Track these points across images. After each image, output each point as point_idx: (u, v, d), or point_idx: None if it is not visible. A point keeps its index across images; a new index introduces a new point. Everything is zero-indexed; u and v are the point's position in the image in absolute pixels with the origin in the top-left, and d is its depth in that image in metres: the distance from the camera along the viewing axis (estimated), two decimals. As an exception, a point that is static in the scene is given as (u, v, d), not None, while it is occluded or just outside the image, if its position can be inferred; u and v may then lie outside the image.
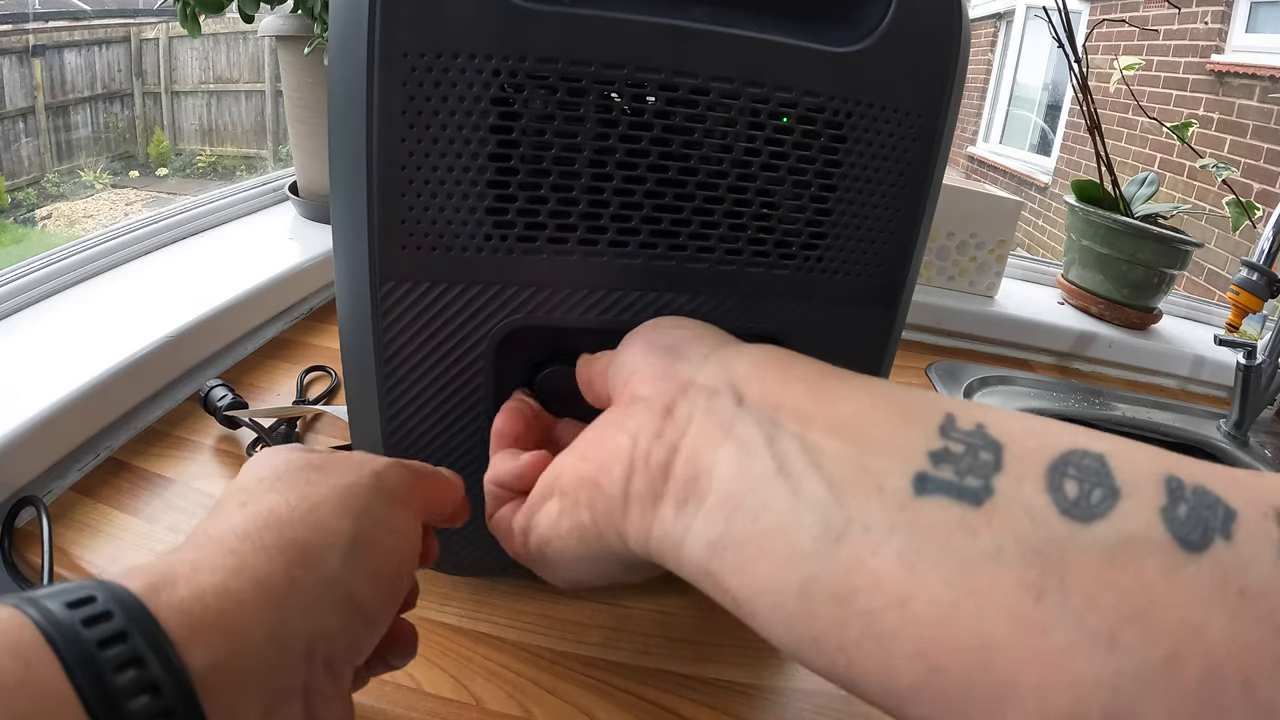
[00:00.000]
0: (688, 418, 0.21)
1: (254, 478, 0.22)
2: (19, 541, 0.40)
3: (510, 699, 0.34)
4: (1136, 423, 0.76)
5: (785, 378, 0.21)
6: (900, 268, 0.32)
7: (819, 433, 0.19)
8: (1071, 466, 0.16)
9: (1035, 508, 0.16)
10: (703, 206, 0.29)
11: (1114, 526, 0.15)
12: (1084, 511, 0.15)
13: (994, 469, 0.16)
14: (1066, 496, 0.16)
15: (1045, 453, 0.16)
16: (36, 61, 3.07)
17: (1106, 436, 0.17)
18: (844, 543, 0.17)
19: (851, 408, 0.19)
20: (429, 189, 0.27)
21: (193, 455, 0.48)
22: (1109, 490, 0.15)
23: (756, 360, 0.22)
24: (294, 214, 0.80)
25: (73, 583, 0.16)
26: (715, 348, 0.23)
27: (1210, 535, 0.14)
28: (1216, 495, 0.15)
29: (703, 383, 0.22)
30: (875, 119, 0.29)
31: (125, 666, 0.15)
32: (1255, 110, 2.54)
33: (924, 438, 0.18)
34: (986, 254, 0.86)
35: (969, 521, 0.16)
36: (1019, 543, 0.15)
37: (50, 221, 3.11)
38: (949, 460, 0.17)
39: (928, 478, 0.17)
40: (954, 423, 0.18)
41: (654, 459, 0.20)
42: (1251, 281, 0.69)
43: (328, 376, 0.60)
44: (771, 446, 0.19)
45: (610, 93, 0.27)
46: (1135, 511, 0.15)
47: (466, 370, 0.30)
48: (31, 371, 0.46)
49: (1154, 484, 0.15)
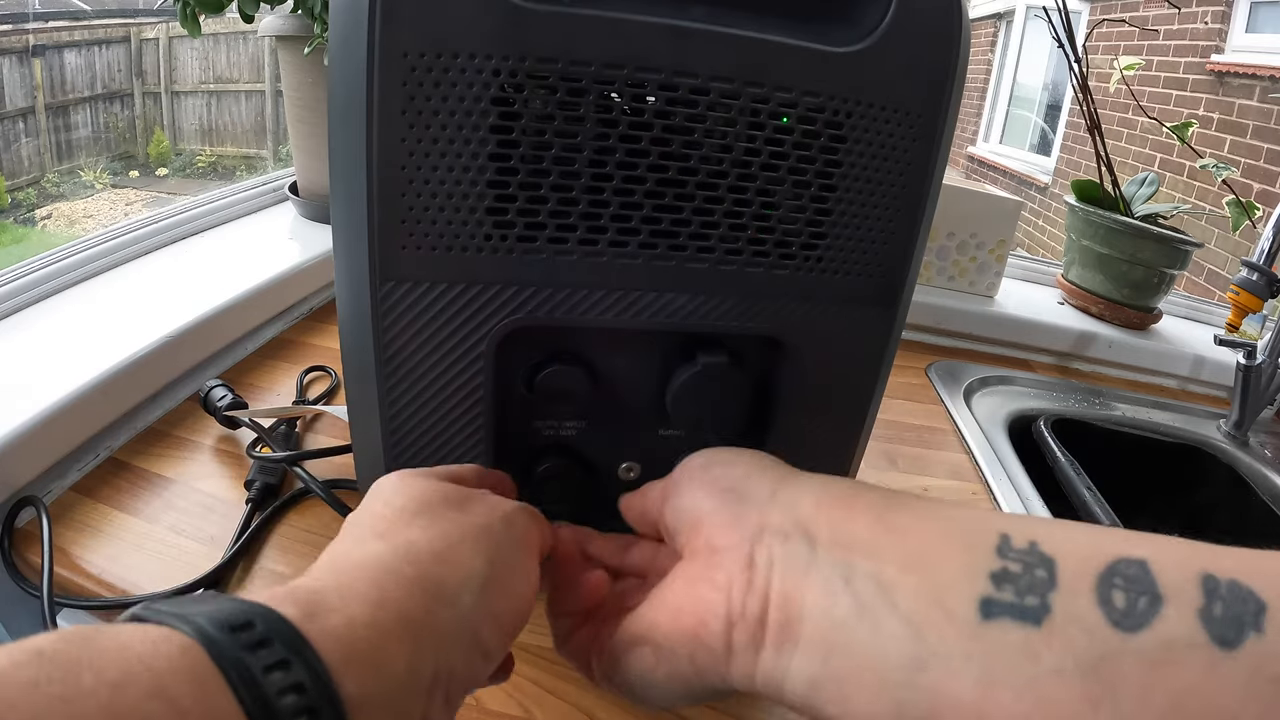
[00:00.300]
0: (769, 564, 0.22)
1: (390, 506, 0.24)
2: (19, 541, 0.40)
3: (510, 699, 0.34)
4: (1136, 423, 0.76)
5: (850, 514, 0.23)
6: (900, 268, 0.32)
7: (892, 569, 0.21)
8: (1118, 576, 0.18)
9: (1089, 622, 0.18)
10: (703, 206, 0.29)
11: (1158, 633, 0.17)
12: (1132, 621, 0.17)
13: (1049, 586, 0.19)
14: (1116, 608, 0.18)
15: (1094, 564, 0.19)
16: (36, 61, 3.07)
17: (1148, 538, 0.19)
18: (925, 672, 0.19)
19: (916, 540, 0.21)
20: (429, 189, 0.27)
21: (193, 455, 0.48)
22: (1153, 597, 0.17)
23: (819, 496, 0.24)
24: (294, 214, 0.80)
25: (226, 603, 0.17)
26: (777, 485, 0.25)
27: (1244, 631, 0.16)
28: (1249, 589, 0.17)
29: (775, 526, 0.23)
30: (875, 119, 0.29)
31: (287, 692, 0.16)
32: (1255, 110, 2.54)
33: (984, 560, 0.20)
34: (986, 254, 0.86)
35: (1032, 643, 0.18)
36: (1077, 659, 0.17)
37: (50, 221, 3.11)
38: (1009, 580, 0.19)
39: (992, 602, 0.19)
40: (1009, 542, 0.20)
41: (750, 611, 0.22)
42: (1251, 281, 0.69)
43: (328, 376, 0.60)
44: (850, 587, 0.21)
45: (610, 93, 0.27)
46: (1176, 617, 0.17)
47: (466, 370, 0.30)
48: (31, 371, 0.46)
49: (1193, 585, 0.17)
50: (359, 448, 0.33)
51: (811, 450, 0.36)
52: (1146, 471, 0.75)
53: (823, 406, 0.35)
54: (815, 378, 0.34)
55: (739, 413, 0.34)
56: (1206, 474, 0.75)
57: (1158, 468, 0.75)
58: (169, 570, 0.39)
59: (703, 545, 0.25)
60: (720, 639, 0.22)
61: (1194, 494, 0.76)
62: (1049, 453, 0.66)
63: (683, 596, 0.24)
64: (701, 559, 0.24)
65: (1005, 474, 0.60)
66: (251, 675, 0.15)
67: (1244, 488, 0.72)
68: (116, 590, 0.38)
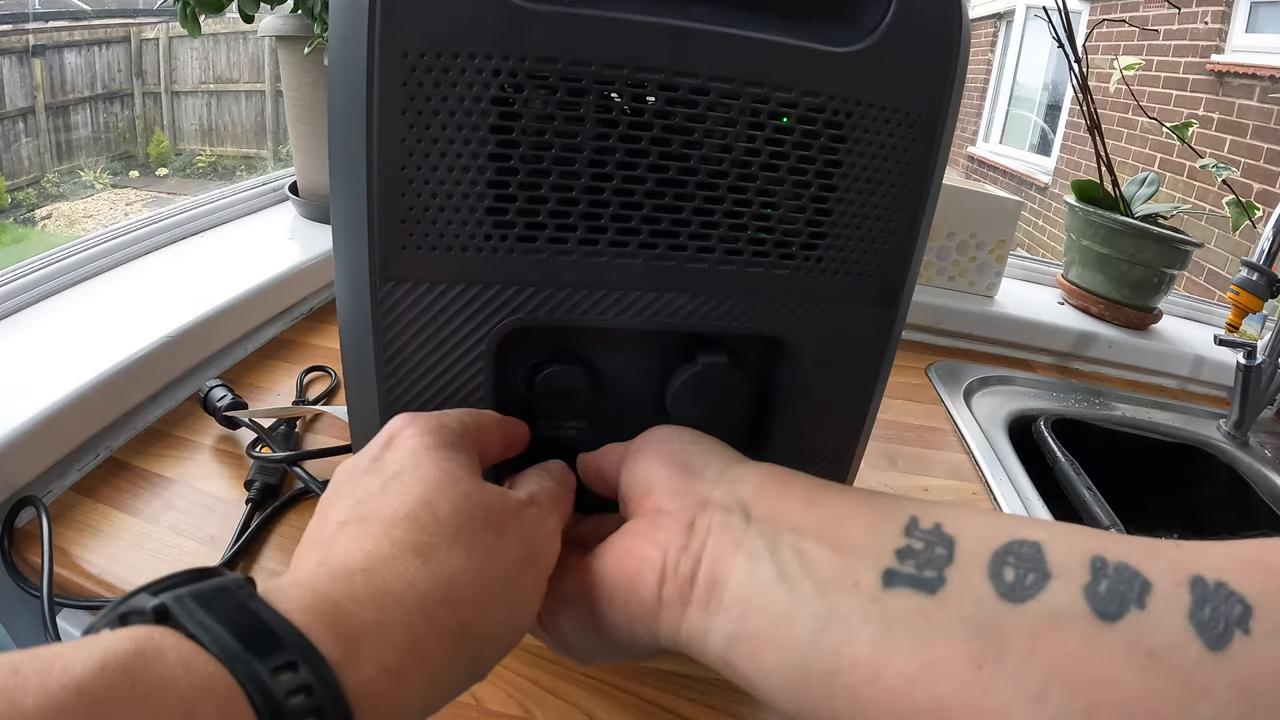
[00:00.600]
0: (706, 531, 0.24)
1: (435, 515, 0.23)
2: (19, 541, 0.40)
3: (510, 699, 0.34)
4: (1136, 423, 0.76)
5: (784, 493, 0.25)
6: (900, 268, 0.32)
7: (809, 542, 0.23)
8: (1011, 555, 0.20)
9: (978, 592, 0.20)
10: (703, 206, 0.29)
11: (1042, 604, 0.19)
12: (1019, 594, 0.19)
13: (947, 561, 0.21)
14: (1005, 581, 0.19)
15: (990, 544, 0.21)
16: (36, 61, 3.07)
17: (1049, 526, 0.21)
18: (829, 632, 0.21)
19: (836, 517, 0.24)
20: (429, 189, 0.27)
21: (193, 455, 0.48)
22: (1041, 574, 0.19)
23: (762, 479, 0.26)
24: (294, 214, 0.80)
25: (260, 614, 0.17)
26: (727, 465, 0.27)
27: (1125, 606, 0.18)
28: (1136, 570, 0.19)
29: (718, 500, 0.25)
30: (875, 119, 0.29)
31: None
32: (1255, 110, 2.54)
33: (892, 537, 0.22)
34: (986, 254, 0.86)
35: (926, 608, 0.20)
36: (964, 622, 0.19)
37: (50, 221, 3.11)
38: (911, 556, 0.21)
39: (894, 573, 0.21)
40: (917, 523, 0.22)
41: (682, 570, 0.24)
42: (1251, 281, 0.69)
43: (327, 376, 0.60)
44: (774, 555, 0.23)
45: (610, 93, 0.27)
46: (1061, 590, 0.19)
47: (466, 370, 0.30)
48: (31, 371, 0.46)
49: (1080, 565, 0.19)
50: (359, 448, 0.33)
51: (811, 450, 0.36)
52: (1146, 471, 0.75)
53: (823, 406, 0.35)
54: (815, 378, 0.34)
55: (739, 412, 0.34)
56: (1206, 474, 0.75)
57: (1158, 468, 0.75)
58: (169, 570, 0.39)
59: (651, 507, 0.26)
60: (653, 590, 0.24)
61: (1194, 494, 0.76)
62: (1049, 453, 0.66)
63: (625, 548, 0.26)
64: (647, 519, 0.26)
65: (1005, 474, 0.60)
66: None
67: (1244, 488, 0.72)
68: (116, 590, 0.38)
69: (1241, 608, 0.17)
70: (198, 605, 0.17)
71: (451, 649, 0.20)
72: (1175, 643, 0.17)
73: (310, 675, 0.16)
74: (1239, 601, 0.17)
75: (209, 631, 0.16)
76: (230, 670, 0.15)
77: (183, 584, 0.18)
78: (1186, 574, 0.18)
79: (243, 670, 0.16)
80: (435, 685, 0.20)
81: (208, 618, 0.16)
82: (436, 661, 0.20)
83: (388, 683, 0.18)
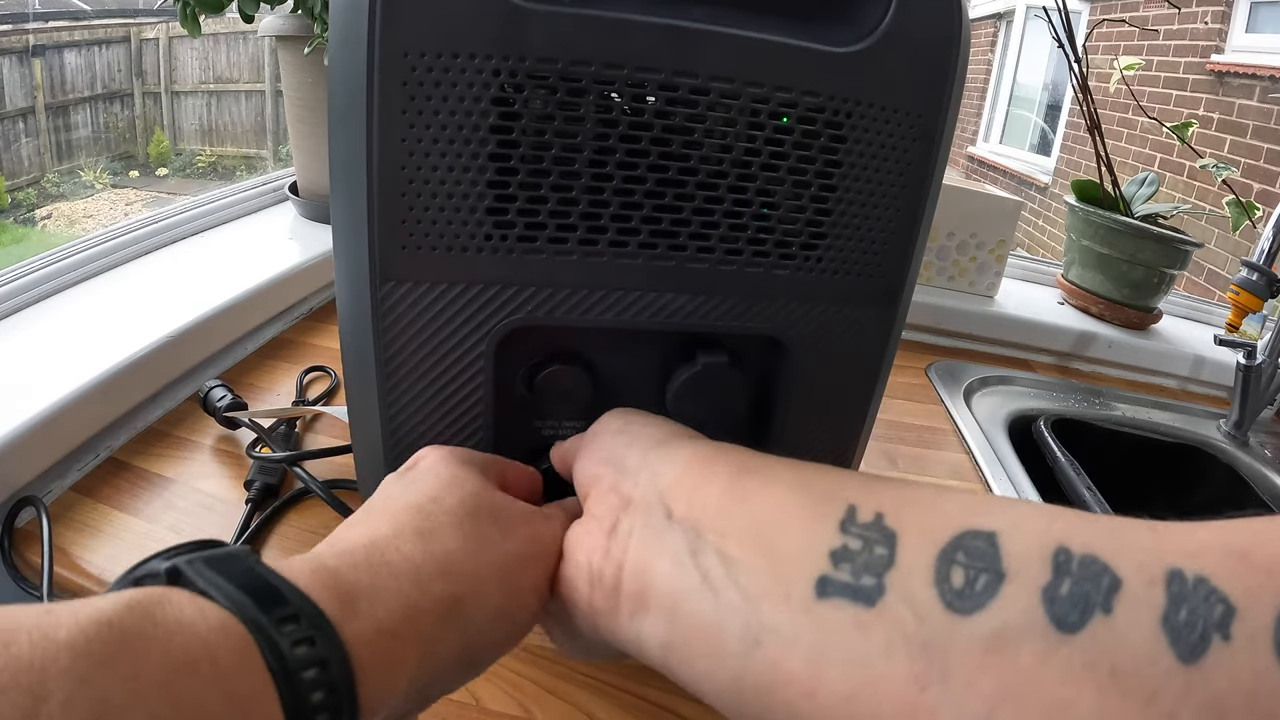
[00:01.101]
0: (628, 534, 0.23)
1: (438, 504, 0.24)
2: (19, 541, 0.40)
3: (510, 699, 0.34)
4: (1136, 422, 0.76)
5: (705, 484, 0.23)
6: (900, 268, 0.32)
7: (734, 543, 0.21)
8: (961, 551, 0.18)
9: (922, 603, 0.17)
10: (703, 206, 0.29)
11: (994, 616, 0.16)
12: (967, 603, 0.17)
13: (887, 564, 0.18)
14: (952, 587, 0.17)
15: (937, 539, 0.18)
16: (36, 61, 3.07)
17: (1008, 507, 0.19)
18: (761, 646, 0.19)
19: (762, 508, 0.22)
20: (429, 189, 0.27)
21: (193, 455, 0.48)
22: (994, 575, 0.17)
23: (683, 468, 0.24)
24: (294, 214, 0.80)
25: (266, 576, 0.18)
26: (648, 451, 0.26)
27: (1089, 612, 0.16)
28: (1105, 564, 0.16)
29: (639, 497, 0.24)
30: (875, 119, 0.29)
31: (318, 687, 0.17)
32: (1255, 110, 2.54)
33: (826, 536, 0.20)
34: (986, 254, 0.86)
35: (863, 621, 0.18)
36: (907, 640, 0.17)
37: (50, 221, 3.11)
38: (847, 558, 0.19)
39: (828, 581, 0.19)
40: (854, 515, 0.20)
41: (606, 577, 0.23)
42: (1251, 281, 0.69)
43: (327, 377, 0.60)
44: (695, 560, 0.21)
45: (610, 93, 0.27)
46: (1015, 596, 0.16)
47: (466, 370, 0.30)
48: (31, 371, 0.46)
49: (1040, 561, 0.17)
50: (359, 448, 0.33)
51: (811, 450, 0.36)
52: (1146, 471, 0.75)
53: (823, 406, 0.35)
54: (815, 378, 0.34)
55: (739, 413, 0.34)
56: (1206, 474, 0.75)
57: (1158, 468, 0.75)
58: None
59: (587, 511, 0.26)
60: (585, 598, 0.24)
61: (1194, 494, 0.76)
62: (1049, 453, 0.66)
63: (564, 556, 0.25)
64: (580, 524, 0.26)
65: (1005, 474, 0.60)
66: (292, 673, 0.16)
67: (1244, 488, 0.72)
68: (116, 590, 0.38)
69: (1223, 609, 0.15)
70: (207, 567, 0.18)
71: (444, 620, 0.21)
72: (1142, 656, 0.15)
73: (312, 629, 0.17)
74: (1220, 601, 0.15)
75: (220, 589, 0.17)
76: (241, 619, 0.17)
77: (192, 551, 0.19)
78: (1163, 567, 0.16)
79: (251, 622, 0.17)
80: (426, 653, 0.20)
81: (217, 577, 0.17)
82: (428, 628, 0.20)
83: (382, 642, 0.19)
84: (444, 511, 0.24)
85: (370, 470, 0.33)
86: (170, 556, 0.18)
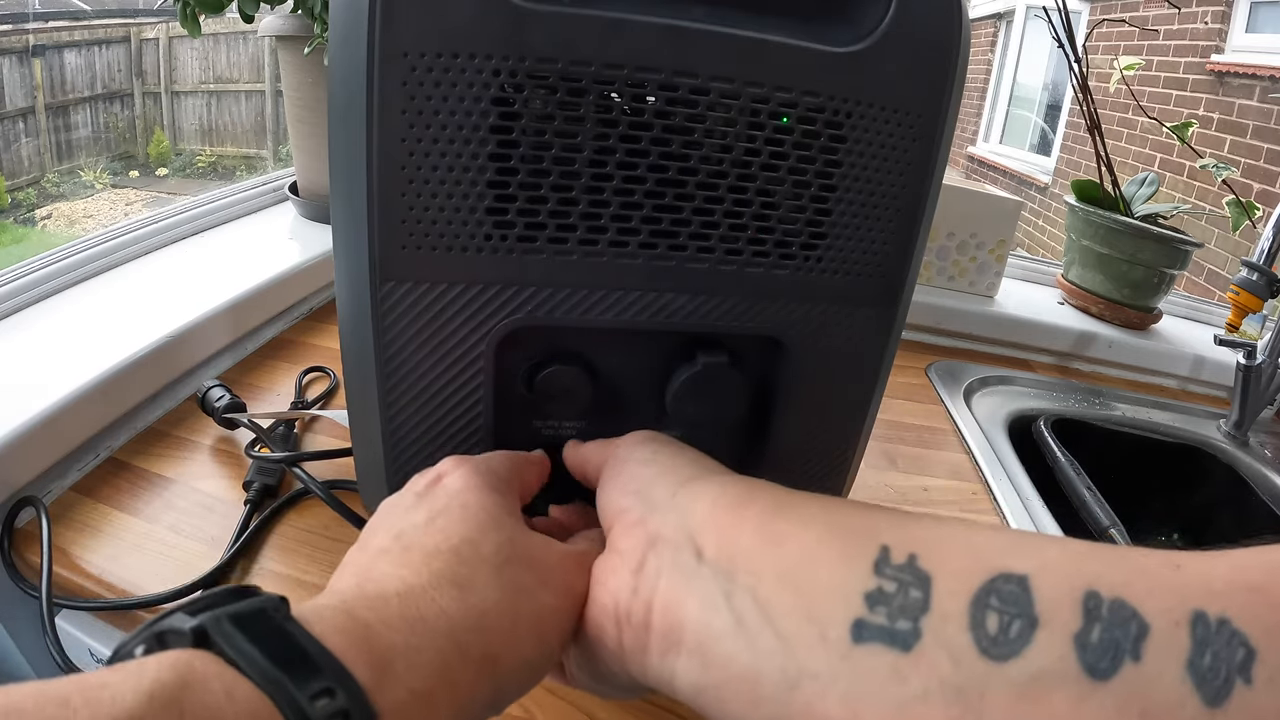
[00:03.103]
0: (656, 573, 0.23)
1: (474, 549, 0.23)
2: (19, 541, 0.40)
3: (510, 699, 0.34)
4: (1136, 423, 0.76)
5: (737, 523, 0.23)
6: (900, 268, 0.32)
7: (769, 586, 0.21)
8: (994, 595, 0.18)
9: (958, 648, 0.18)
10: (703, 206, 0.29)
11: (1028, 662, 0.17)
12: (1001, 649, 0.17)
13: (922, 609, 0.19)
14: (987, 633, 0.18)
15: (971, 582, 0.19)
16: (36, 61, 3.07)
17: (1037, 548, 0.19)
18: (797, 690, 0.19)
19: (796, 550, 0.21)
20: (429, 189, 0.27)
21: (192, 455, 0.48)
22: (1028, 621, 0.17)
23: (714, 501, 0.24)
24: (294, 214, 0.80)
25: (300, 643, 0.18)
26: (678, 487, 0.25)
27: (1119, 659, 0.16)
28: (1133, 609, 0.17)
29: (668, 536, 0.24)
30: (875, 119, 0.29)
31: None
32: (1255, 110, 2.54)
33: (860, 578, 0.20)
34: (986, 254, 0.86)
35: (900, 667, 0.18)
36: (943, 685, 0.17)
37: (50, 221, 3.11)
38: (882, 601, 0.19)
39: (864, 624, 0.19)
40: (888, 557, 0.20)
41: (635, 617, 0.23)
42: (1251, 281, 0.69)
43: (327, 377, 0.60)
44: (729, 601, 0.21)
45: (610, 93, 0.27)
46: (1048, 644, 0.17)
47: (466, 370, 0.30)
48: (31, 371, 0.46)
49: (1071, 606, 0.17)
50: (359, 447, 0.33)
51: (811, 450, 0.36)
52: (1146, 471, 0.75)
53: (823, 406, 0.35)
54: (815, 378, 0.34)
55: (739, 413, 0.34)
56: (1206, 474, 0.75)
57: (1158, 468, 0.75)
58: (169, 570, 0.39)
59: (611, 545, 0.25)
60: (614, 639, 0.23)
61: (1194, 494, 0.76)
62: (1049, 453, 0.66)
63: (591, 594, 0.25)
64: (606, 560, 0.25)
65: (1005, 474, 0.60)
66: None
67: (1244, 488, 0.72)
68: (116, 590, 0.38)
69: (1244, 652, 0.16)
70: (235, 629, 0.17)
71: (477, 677, 0.21)
72: (1170, 701, 0.16)
73: (346, 700, 0.17)
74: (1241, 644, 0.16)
75: (248, 657, 0.16)
76: (272, 698, 0.16)
77: (219, 604, 0.18)
78: (1187, 609, 0.17)
79: (283, 698, 0.16)
80: (458, 710, 0.20)
81: (246, 642, 0.17)
82: (463, 688, 0.20)
83: (417, 706, 0.19)
84: (481, 559, 0.23)
85: (370, 470, 0.33)
86: (196, 611, 0.17)
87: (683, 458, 0.28)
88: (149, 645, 0.17)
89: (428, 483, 0.27)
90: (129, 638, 0.18)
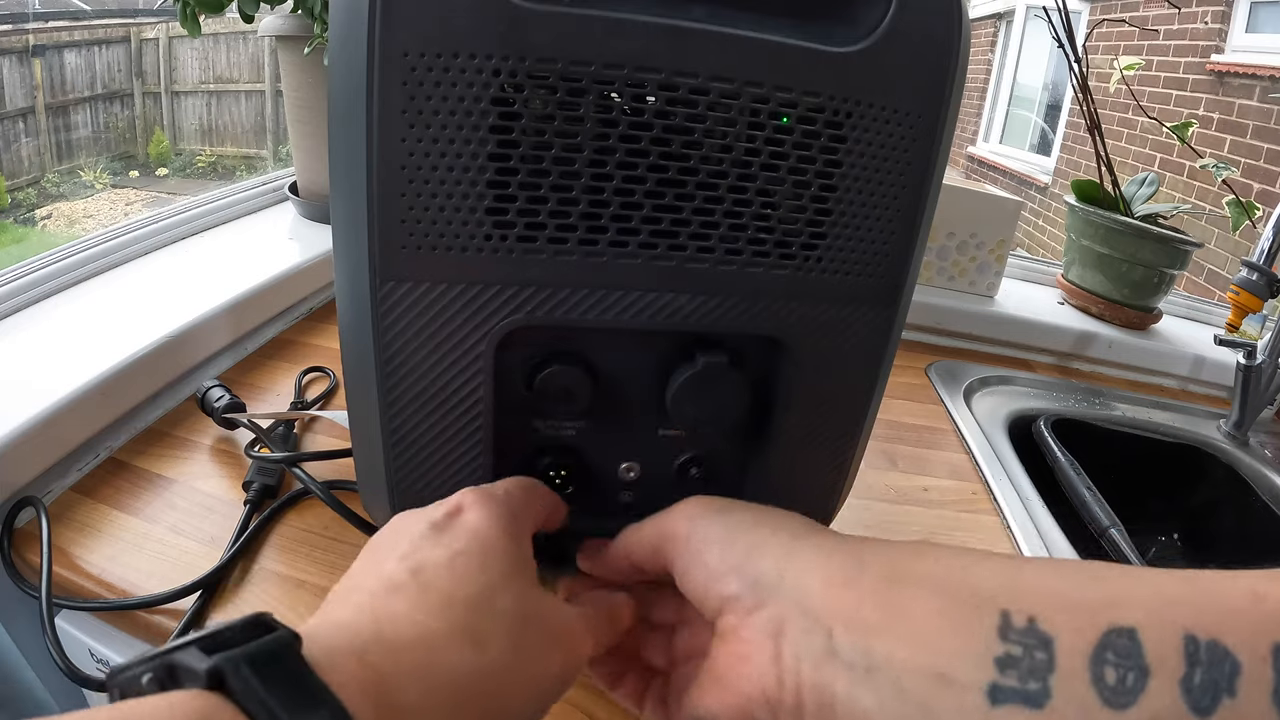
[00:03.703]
0: (796, 659, 0.24)
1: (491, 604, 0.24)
2: (19, 541, 0.40)
3: (510, 699, 0.34)
4: (1136, 423, 0.76)
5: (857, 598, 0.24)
6: (900, 268, 0.32)
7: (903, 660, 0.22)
8: (1109, 650, 0.20)
9: (1085, 702, 0.20)
10: (703, 206, 0.29)
11: (1144, 709, 0.19)
12: (1121, 698, 0.20)
13: (1049, 669, 0.21)
14: (1108, 685, 0.20)
15: (1088, 637, 0.21)
16: (36, 61, 3.07)
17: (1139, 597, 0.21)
18: None
19: (921, 620, 0.23)
20: (429, 189, 0.27)
21: (192, 455, 0.48)
22: (1140, 671, 0.20)
23: (827, 579, 0.25)
24: (294, 214, 0.80)
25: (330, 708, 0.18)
26: (780, 562, 0.26)
27: (1219, 698, 0.19)
28: (1226, 649, 0.19)
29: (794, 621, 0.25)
30: (875, 119, 0.29)
31: None
32: (1255, 110, 2.54)
33: (988, 645, 0.22)
34: (986, 254, 0.86)
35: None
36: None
37: (50, 221, 3.11)
38: (1012, 665, 0.21)
39: (999, 688, 0.21)
40: (1010, 622, 0.22)
41: (787, 702, 0.24)
42: (1251, 281, 0.69)
43: (326, 377, 0.60)
44: (870, 676, 0.23)
45: (610, 93, 0.27)
46: (1160, 691, 0.19)
47: (466, 370, 0.30)
48: (31, 371, 0.46)
49: (1175, 652, 0.20)
50: (359, 448, 0.33)
51: (812, 449, 0.36)
52: (1146, 471, 0.75)
53: (823, 406, 0.35)
54: (815, 378, 0.34)
55: (739, 412, 0.34)
56: (1206, 474, 0.75)
57: (1158, 468, 0.76)
58: (169, 570, 0.39)
59: (731, 632, 0.26)
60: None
61: (1194, 494, 0.76)
62: (1049, 453, 0.66)
63: (726, 682, 0.25)
64: (731, 646, 0.26)
65: (1005, 474, 0.60)
66: None
67: (1244, 488, 0.72)
68: (116, 590, 0.38)
69: None
70: (252, 673, 0.17)
71: None
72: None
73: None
74: None
75: (267, 709, 0.17)
76: None
77: (234, 641, 0.18)
78: (1269, 643, 0.19)
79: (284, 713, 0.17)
80: None
81: (262, 689, 0.17)
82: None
83: None
84: (499, 614, 0.24)
85: (370, 470, 0.33)
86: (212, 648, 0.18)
87: (766, 526, 0.28)
88: (157, 674, 0.17)
89: (446, 513, 0.27)
90: (135, 661, 0.18)
